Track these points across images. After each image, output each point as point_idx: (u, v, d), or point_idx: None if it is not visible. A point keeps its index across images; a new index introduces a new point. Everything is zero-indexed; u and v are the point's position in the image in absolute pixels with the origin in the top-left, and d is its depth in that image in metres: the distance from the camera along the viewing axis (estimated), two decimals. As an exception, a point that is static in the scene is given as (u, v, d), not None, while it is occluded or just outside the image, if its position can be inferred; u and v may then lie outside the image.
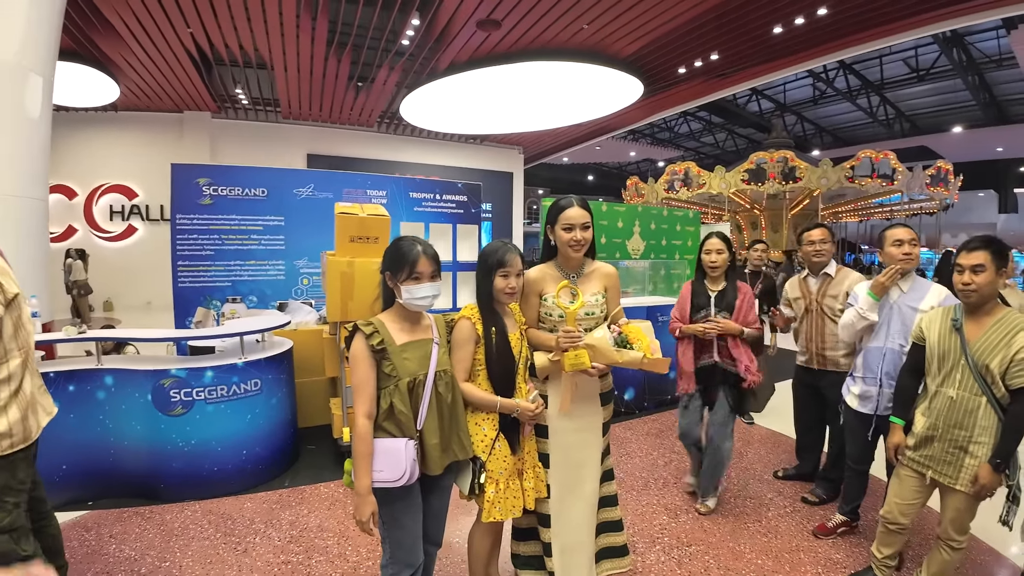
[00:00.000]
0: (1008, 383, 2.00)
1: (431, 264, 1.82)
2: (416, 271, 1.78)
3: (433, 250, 1.86)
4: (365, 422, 1.72)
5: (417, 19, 7.88)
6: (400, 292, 1.80)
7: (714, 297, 3.05)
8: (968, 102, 16.00)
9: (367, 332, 1.75)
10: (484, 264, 2.03)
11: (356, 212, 3.94)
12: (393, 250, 1.84)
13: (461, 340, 1.97)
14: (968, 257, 2.08)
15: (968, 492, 2.10)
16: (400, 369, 1.77)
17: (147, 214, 12.83)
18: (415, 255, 1.79)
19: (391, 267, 1.82)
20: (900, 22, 7.66)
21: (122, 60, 9.19)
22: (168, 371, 3.19)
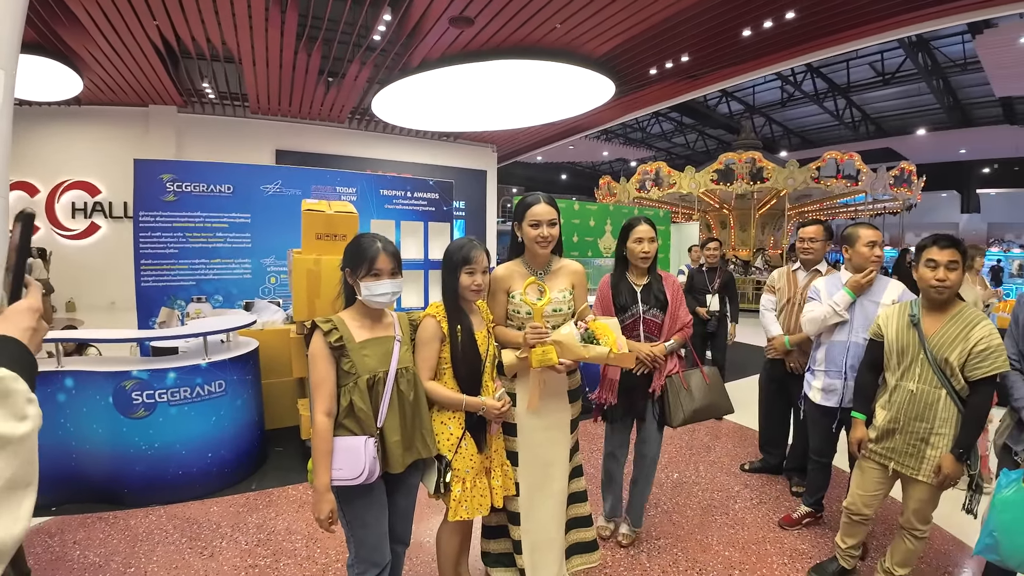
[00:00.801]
0: (967, 375, 2.08)
1: (391, 261, 1.81)
2: (376, 268, 1.78)
3: (394, 247, 1.85)
4: (324, 419, 1.72)
5: (389, 14, 7.80)
6: (359, 289, 1.79)
7: (640, 292, 2.65)
8: (932, 105, 16.45)
9: (325, 329, 1.74)
10: (449, 261, 2.02)
11: (323, 209, 3.90)
12: (353, 247, 1.83)
13: (425, 338, 1.97)
14: (943, 253, 2.13)
15: (931, 483, 2.17)
16: (359, 366, 1.76)
17: (110, 211, 12.43)
18: (374, 251, 1.78)
19: (350, 264, 1.82)
20: (866, 26, 7.86)
21: (86, 53, 8.89)
22: (130, 373, 3.11)
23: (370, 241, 1.81)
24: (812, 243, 3.38)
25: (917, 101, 16.41)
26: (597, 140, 20.28)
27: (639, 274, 2.70)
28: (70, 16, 7.44)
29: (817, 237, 3.38)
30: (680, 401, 2.64)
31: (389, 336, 1.88)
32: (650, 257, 2.63)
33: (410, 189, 7.06)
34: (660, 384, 2.64)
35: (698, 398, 2.66)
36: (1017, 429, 2.03)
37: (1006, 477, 1.99)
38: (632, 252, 2.64)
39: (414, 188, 7.10)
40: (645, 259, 2.62)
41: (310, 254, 3.74)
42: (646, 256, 2.61)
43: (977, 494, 2.18)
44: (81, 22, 7.64)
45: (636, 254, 2.62)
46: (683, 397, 2.65)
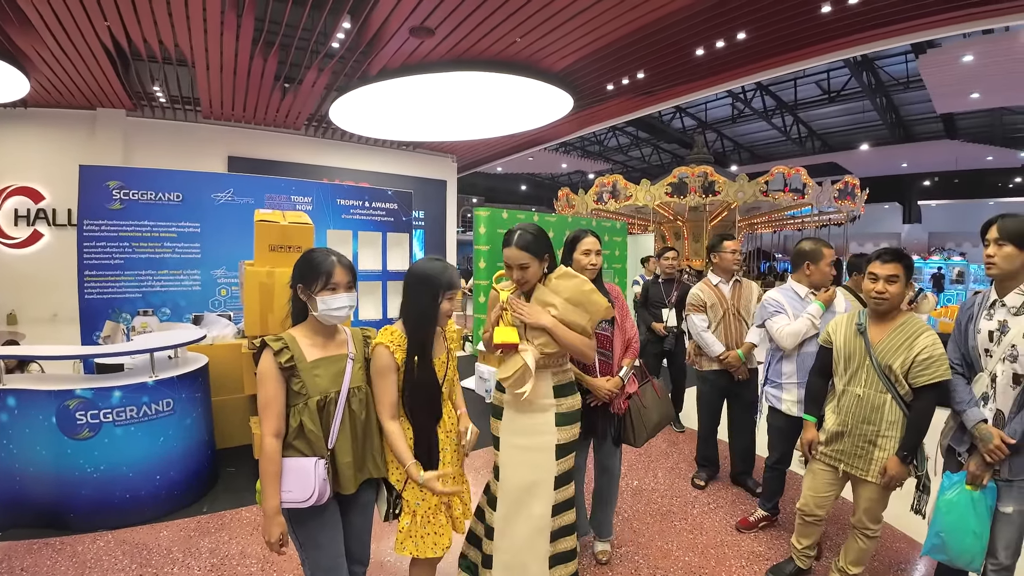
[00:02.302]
0: (911, 382, 2.20)
1: (347, 274, 1.79)
2: (332, 281, 1.74)
3: (348, 260, 1.83)
4: (272, 441, 1.68)
5: (348, 22, 7.72)
6: (315, 304, 1.74)
7: None
8: (876, 122, 17.32)
9: (276, 348, 1.69)
10: (430, 285, 1.88)
11: (277, 220, 3.82)
12: (305, 262, 1.79)
13: (381, 370, 1.84)
14: (884, 268, 2.25)
15: (878, 483, 2.28)
16: (310, 387, 1.71)
17: (54, 219, 11.77)
18: (329, 264, 1.75)
19: (303, 279, 1.76)
20: (814, 47, 8.24)
21: (34, 53, 8.45)
22: (73, 391, 2.96)
23: (324, 255, 1.79)
24: (736, 255, 3.60)
25: (861, 118, 17.25)
26: (556, 152, 20.55)
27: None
28: (19, 14, 7.08)
29: (738, 248, 3.63)
30: (643, 421, 2.66)
31: (342, 354, 1.83)
32: (597, 269, 2.56)
33: (368, 199, 6.99)
34: (624, 406, 2.64)
35: (655, 414, 2.71)
36: (960, 431, 2.13)
37: (948, 479, 2.10)
38: (579, 264, 2.55)
39: (372, 198, 7.03)
40: (592, 271, 2.54)
41: (263, 266, 3.65)
42: (593, 268, 2.55)
43: (925, 495, 2.31)
44: (31, 21, 7.28)
45: (584, 266, 2.54)
46: (644, 416, 2.68)
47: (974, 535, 1.97)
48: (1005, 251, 2.00)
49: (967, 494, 2.00)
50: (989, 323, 2.07)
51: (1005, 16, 6.79)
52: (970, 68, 11.07)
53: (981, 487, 2.00)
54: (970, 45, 10.29)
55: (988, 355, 2.06)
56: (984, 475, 1.99)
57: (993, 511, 1.99)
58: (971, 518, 1.97)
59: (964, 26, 7.21)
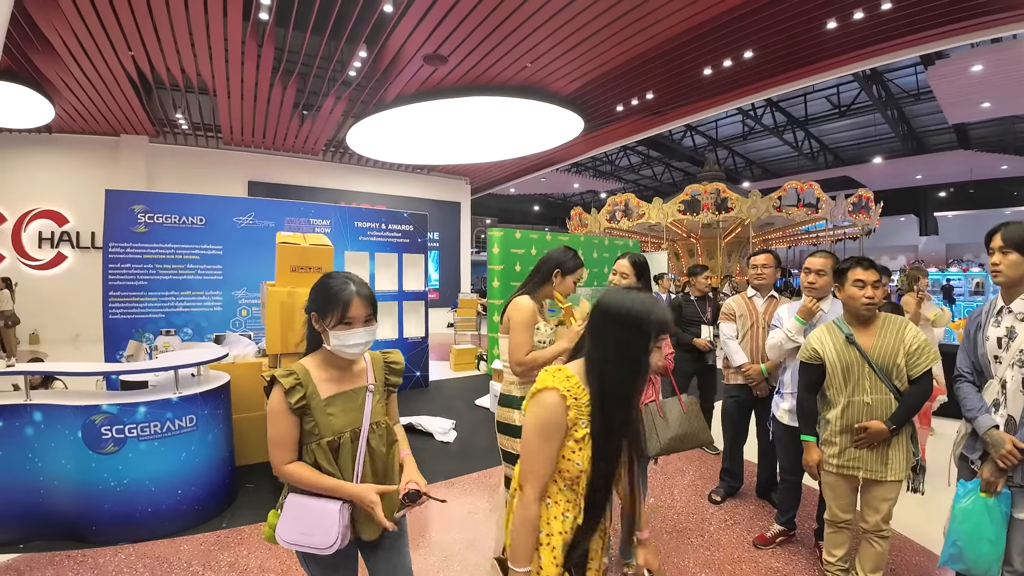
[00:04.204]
0: (909, 373, 2.29)
1: (366, 307, 1.60)
2: (348, 315, 1.56)
3: (368, 290, 1.64)
4: (292, 466, 1.55)
5: (364, 51, 7.98)
6: (328, 338, 1.58)
7: None
8: (887, 134, 17.20)
9: (287, 385, 1.53)
10: (637, 329, 1.38)
11: (298, 242, 3.93)
12: (321, 289, 1.62)
13: (544, 426, 1.40)
14: (868, 273, 2.32)
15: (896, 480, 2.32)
16: (322, 427, 1.56)
17: (77, 241, 12.15)
18: (347, 296, 1.57)
19: (318, 308, 1.60)
20: (822, 62, 8.31)
21: (59, 81, 8.83)
22: (99, 407, 3.05)
23: (342, 283, 1.60)
24: (764, 269, 3.56)
25: (873, 131, 17.15)
26: (568, 173, 20.72)
27: None
28: (45, 44, 7.42)
29: (768, 264, 3.57)
30: (656, 430, 2.66)
31: (360, 387, 1.66)
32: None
33: (384, 221, 7.13)
34: None
35: (674, 427, 2.68)
36: (972, 438, 2.14)
37: (963, 487, 2.10)
38: (610, 283, 2.89)
39: (388, 220, 7.17)
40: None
41: (284, 287, 3.76)
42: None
43: (920, 475, 2.36)
44: (56, 50, 7.61)
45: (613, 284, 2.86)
46: (659, 425, 2.67)
47: (990, 542, 1.96)
48: (1010, 258, 2.03)
49: (982, 501, 2.00)
50: (997, 330, 2.08)
51: (1012, 24, 6.81)
52: (980, 77, 11.06)
53: (996, 494, 1.99)
54: (979, 55, 10.29)
55: (997, 361, 2.07)
56: (998, 481, 1.99)
57: (1008, 518, 1.98)
58: (987, 525, 1.96)
59: (971, 36, 7.23)
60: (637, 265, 2.80)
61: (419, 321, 7.37)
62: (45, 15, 6.65)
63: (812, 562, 2.95)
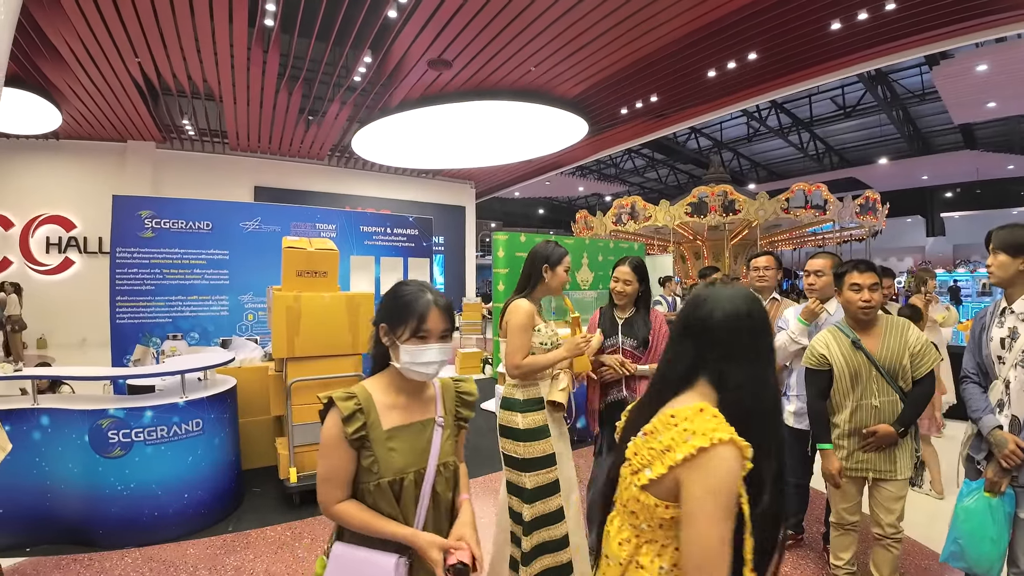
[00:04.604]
0: (913, 374, 2.30)
1: (444, 320, 1.39)
2: (424, 328, 1.36)
3: (448, 302, 1.44)
4: (344, 506, 1.33)
5: (369, 56, 8.01)
6: (398, 354, 1.37)
7: (621, 325, 2.80)
8: (893, 135, 17.15)
9: (345, 412, 1.30)
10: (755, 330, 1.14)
11: (304, 246, 3.94)
12: (393, 297, 1.42)
13: (717, 487, 0.98)
14: (864, 276, 2.31)
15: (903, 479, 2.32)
16: (383, 465, 1.33)
17: (85, 246, 12.26)
18: (424, 306, 1.37)
19: (389, 319, 1.39)
20: (827, 63, 8.30)
21: (67, 87, 8.92)
22: (106, 411, 3.07)
23: (417, 291, 1.39)
24: (766, 271, 3.54)
25: (878, 132, 17.08)
26: (572, 176, 20.74)
27: (623, 309, 2.86)
28: (52, 51, 7.50)
29: (770, 266, 3.55)
30: None
31: (428, 419, 1.44)
32: (624, 295, 2.80)
33: (390, 225, 7.14)
34: None
35: None
36: (977, 439, 2.14)
37: (967, 486, 2.10)
38: (611, 289, 2.87)
39: (394, 224, 7.18)
40: (619, 296, 2.83)
41: (290, 291, 3.77)
42: (619, 294, 2.83)
43: (920, 470, 2.39)
44: (63, 57, 7.69)
45: (613, 291, 2.86)
46: None
47: (992, 542, 1.96)
48: (999, 259, 2.09)
49: (985, 500, 2.00)
50: (1000, 330, 2.09)
51: (1016, 23, 6.79)
52: (985, 77, 11.03)
53: (999, 493, 1.99)
54: (983, 54, 10.26)
55: (1001, 362, 2.08)
56: (1002, 481, 1.99)
57: (1012, 518, 1.98)
58: (989, 525, 1.96)
59: (976, 36, 7.21)
60: (638, 269, 2.81)
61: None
62: (52, 23, 6.73)
63: (820, 566, 2.93)
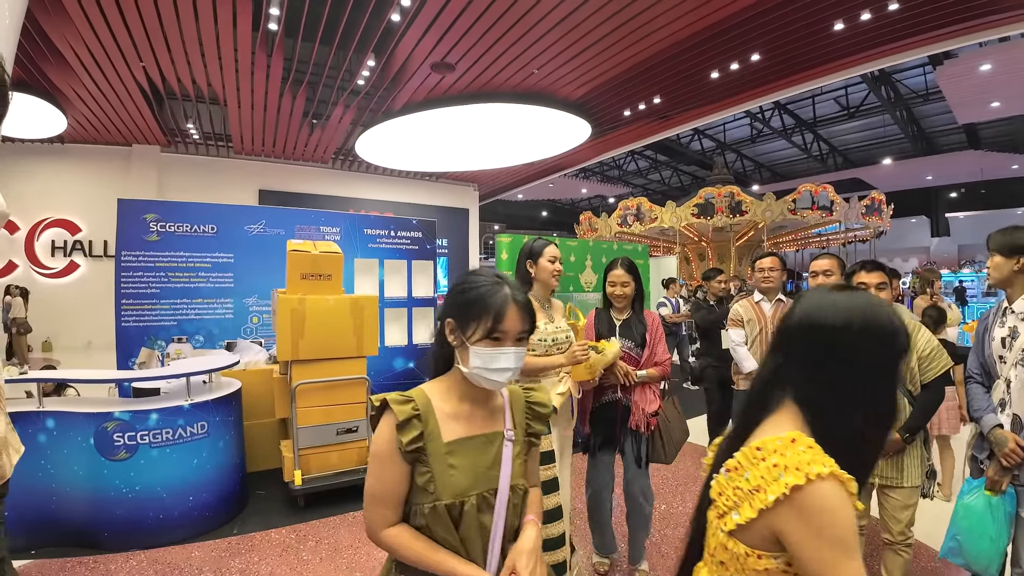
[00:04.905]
0: (921, 378, 2.28)
1: (522, 319, 1.17)
2: (499, 328, 1.15)
3: (525, 297, 1.20)
4: (395, 532, 1.15)
5: (373, 60, 8.03)
6: (466, 357, 1.17)
7: (619, 327, 2.81)
8: (897, 135, 17.06)
9: (400, 417, 1.12)
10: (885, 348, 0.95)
11: (308, 249, 3.96)
12: (463, 291, 1.20)
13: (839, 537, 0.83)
14: (871, 276, 2.33)
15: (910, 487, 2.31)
16: (440, 484, 1.12)
17: (90, 250, 12.29)
18: (500, 302, 1.15)
19: (457, 315, 1.19)
20: (830, 64, 8.24)
21: (71, 92, 8.96)
22: (112, 414, 3.08)
23: (493, 285, 1.18)
24: (771, 272, 3.53)
25: (882, 132, 17.02)
26: (576, 178, 20.73)
27: (619, 310, 2.87)
28: (57, 55, 7.53)
29: (775, 267, 3.54)
30: (672, 436, 2.72)
31: (495, 432, 1.22)
32: (623, 297, 2.82)
33: (393, 228, 7.15)
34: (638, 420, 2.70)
35: (677, 431, 2.76)
36: (980, 438, 2.15)
37: (968, 484, 2.11)
38: (607, 292, 2.87)
39: (397, 227, 7.20)
40: (618, 299, 2.84)
41: (295, 294, 3.78)
42: (618, 297, 2.84)
43: (931, 480, 2.38)
44: (68, 62, 7.73)
45: (610, 294, 2.86)
46: (673, 432, 2.73)
47: (991, 540, 1.96)
48: (995, 261, 2.13)
49: (985, 499, 2.01)
50: (1001, 330, 2.11)
51: (1020, 23, 6.73)
52: (989, 77, 10.99)
53: (1000, 492, 2.00)
54: (987, 54, 10.22)
55: (1002, 361, 2.09)
56: (1003, 480, 1.99)
57: (1014, 517, 1.98)
58: (989, 523, 1.97)
59: (979, 35, 7.16)
60: (631, 269, 2.82)
61: (428, 327, 7.37)
62: (57, 27, 6.76)
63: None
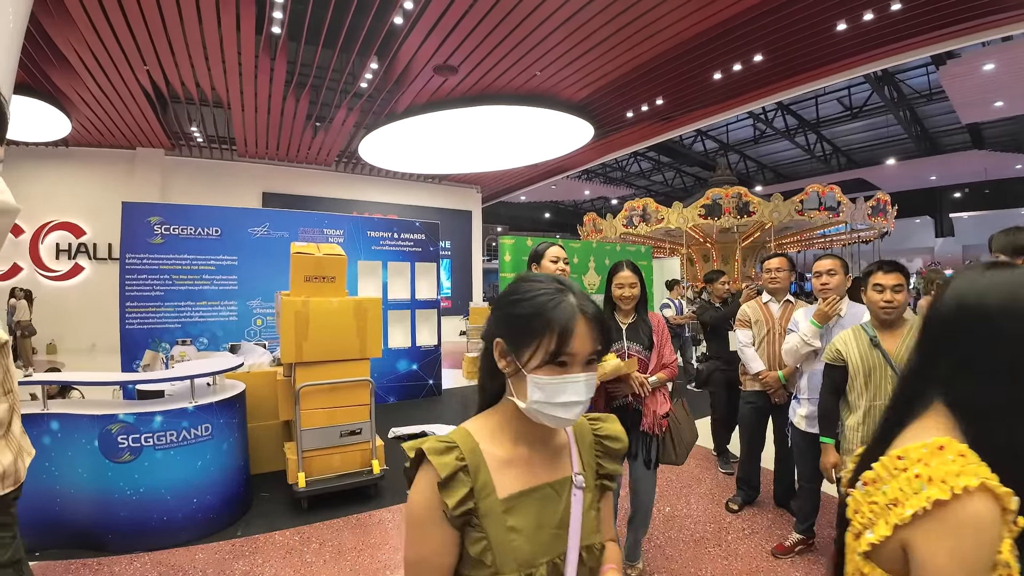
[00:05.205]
0: None
1: (593, 336, 0.89)
2: (566, 350, 0.86)
3: (596, 307, 0.91)
4: None
5: (376, 63, 8.06)
6: (523, 388, 0.88)
7: (625, 330, 2.79)
8: (900, 135, 17.05)
9: (443, 472, 0.86)
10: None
11: (312, 252, 3.95)
12: (515, 302, 0.92)
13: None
14: (888, 277, 2.31)
15: None
16: (501, 554, 0.86)
17: (94, 253, 12.36)
18: (565, 316, 0.87)
19: (510, 334, 0.91)
20: (832, 64, 8.26)
21: (76, 95, 9.02)
22: (116, 416, 3.08)
23: (556, 293, 0.90)
24: (779, 273, 3.51)
25: (885, 132, 17.00)
26: (578, 180, 20.74)
27: (625, 314, 2.84)
28: (61, 59, 7.58)
29: (782, 267, 3.53)
30: (682, 438, 2.72)
31: (562, 479, 0.95)
32: (630, 299, 2.78)
33: (397, 230, 7.17)
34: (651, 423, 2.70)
35: (687, 433, 2.75)
36: None
37: None
38: (614, 295, 2.82)
39: (401, 229, 7.21)
40: (625, 301, 2.79)
41: (299, 296, 3.78)
42: (625, 299, 2.79)
43: None
44: (72, 65, 7.78)
45: (618, 297, 2.81)
46: (683, 433, 2.74)
47: None
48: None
49: None
50: None
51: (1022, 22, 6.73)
52: (992, 76, 10.98)
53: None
54: (990, 53, 10.21)
55: None
56: None
57: None
58: None
59: (982, 35, 7.16)
60: (636, 270, 2.80)
61: (432, 329, 7.38)
62: (61, 31, 6.80)
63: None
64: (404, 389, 7.06)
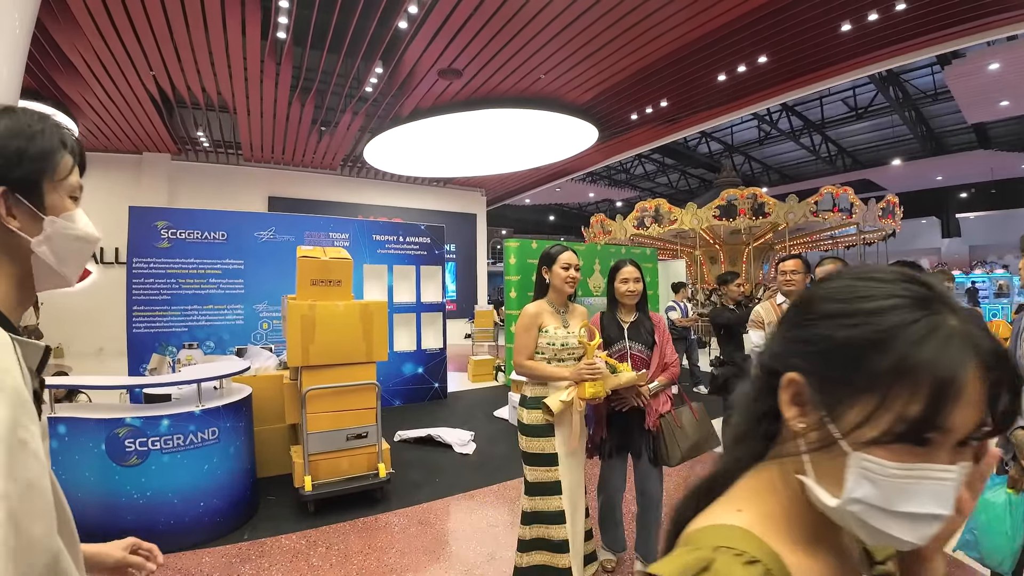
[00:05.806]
0: None
1: (985, 396, 0.49)
2: (942, 420, 0.48)
3: (994, 343, 0.50)
4: None
5: (380, 67, 8.09)
6: (839, 470, 0.51)
7: (627, 329, 2.80)
8: (906, 136, 16.91)
9: None
10: None
11: (318, 255, 3.97)
12: (840, 311, 0.53)
13: None
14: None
15: None
16: None
17: (101, 257, 12.42)
18: (950, 357, 0.48)
19: (826, 368, 0.53)
20: (837, 65, 8.23)
21: (82, 100, 9.08)
22: (123, 420, 3.10)
23: (926, 311, 0.50)
24: (794, 275, 3.50)
25: (891, 133, 16.87)
26: (583, 182, 20.72)
27: (627, 312, 2.85)
28: (67, 65, 7.64)
29: (798, 270, 3.51)
30: (676, 440, 2.70)
31: None
32: (635, 295, 2.79)
33: (402, 234, 7.18)
34: (654, 421, 2.70)
35: (691, 435, 2.72)
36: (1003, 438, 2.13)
37: (992, 480, 2.11)
38: (618, 291, 2.82)
39: (406, 233, 7.23)
40: (630, 297, 2.80)
41: (305, 300, 3.79)
42: (631, 294, 2.79)
43: None
44: (78, 71, 7.83)
45: (622, 293, 2.80)
46: (678, 436, 2.71)
47: (1006, 536, 1.97)
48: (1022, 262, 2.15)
49: (1006, 496, 2.02)
50: None
51: (1028, 21, 6.70)
52: (997, 76, 10.89)
53: (1021, 491, 2.01)
54: (995, 53, 10.14)
55: None
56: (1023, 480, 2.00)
57: None
58: (1006, 518, 1.98)
59: (987, 34, 7.11)
60: (639, 267, 2.84)
61: (437, 332, 7.39)
62: (67, 37, 6.85)
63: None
64: (409, 392, 7.06)
